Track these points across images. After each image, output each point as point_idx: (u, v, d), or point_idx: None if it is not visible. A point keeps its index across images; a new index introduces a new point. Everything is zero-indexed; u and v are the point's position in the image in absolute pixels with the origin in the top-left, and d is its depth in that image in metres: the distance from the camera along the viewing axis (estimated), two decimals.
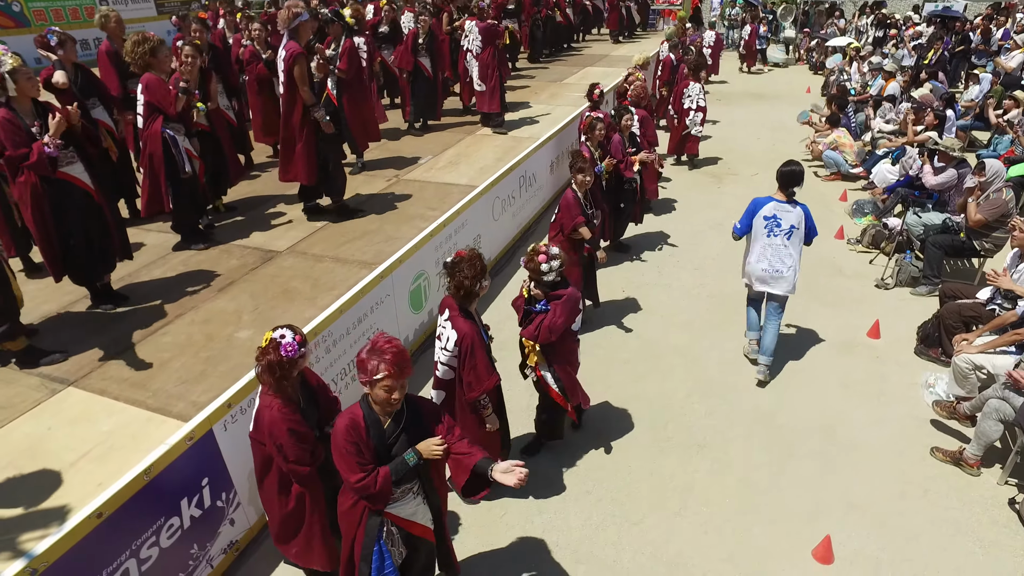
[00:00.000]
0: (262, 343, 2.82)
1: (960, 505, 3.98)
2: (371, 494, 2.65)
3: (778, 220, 5.03)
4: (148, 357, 4.00)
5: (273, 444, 2.89)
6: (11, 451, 3.22)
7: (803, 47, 19.42)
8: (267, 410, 2.87)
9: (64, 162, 4.08)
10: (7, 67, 3.79)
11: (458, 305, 3.49)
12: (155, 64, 4.93)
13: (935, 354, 5.29)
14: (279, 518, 3.14)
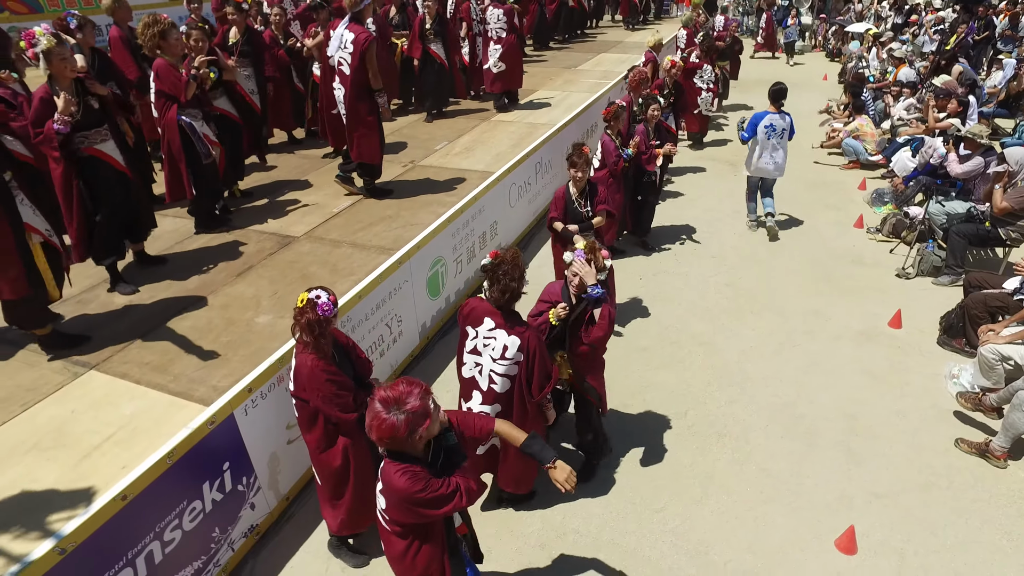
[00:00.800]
0: (298, 304, 2.98)
1: (987, 497, 3.92)
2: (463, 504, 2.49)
3: (774, 127, 6.93)
4: (168, 342, 3.99)
5: (317, 396, 3.04)
6: (36, 433, 3.22)
7: (820, 34, 19.14)
8: (304, 367, 3.03)
9: (98, 140, 4.21)
10: (41, 47, 3.83)
11: (501, 310, 3.24)
12: (166, 47, 4.89)
13: (959, 344, 5.22)
14: (328, 477, 3.29)
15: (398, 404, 2.27)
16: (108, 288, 4.61)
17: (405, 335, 5.04)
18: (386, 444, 2.33)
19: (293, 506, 3.99)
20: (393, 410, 2.26)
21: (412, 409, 2.27)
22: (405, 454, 2.39)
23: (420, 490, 2.33)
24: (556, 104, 9.01)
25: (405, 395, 2.28)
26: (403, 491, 2.33)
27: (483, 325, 3.28)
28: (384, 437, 2.28)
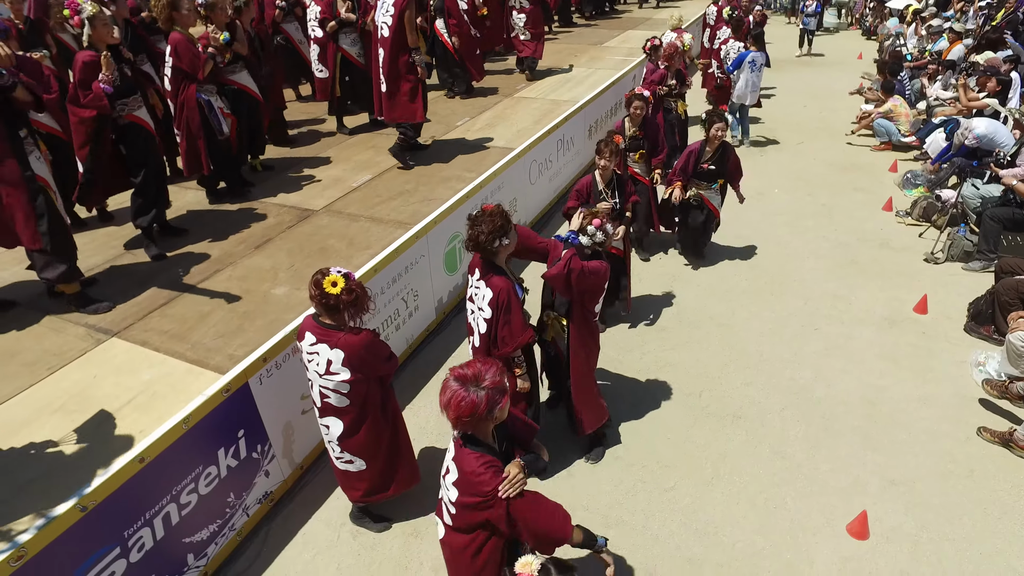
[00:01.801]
0: (332, 290, 2.93)
1: (1008, 487, 3.83)
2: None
3: (756, 62, 8.60)
4: (187, 311, 4.07)
5: (380, 363, 3.18)
6: (62, 396, 3.32)
7: (857, 11, 18.50)
8: (358, 347, 3.05)
9: (135, 107, 4.48)
10: (87, 13, 4.08)
11: (483, 261, 3.38)
12: (179, 18, 4.96)
13: (987, 332, 5.07)
14: (383, 453, 3.40)
15: (476, 381, 2.25)
16: (145, 249, 4.76)
17: (421, 309, 5.07)
18: (464, 424, 2.31)
19: (307, 475, 4.07)
20: (472, 387, 2.24)
21: (491, 385, 2.26)
22: (479, 440, 2.37)
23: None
24: (581, 81, 8.88)
25: (483, 372, 2.27)
26: (521, 512, 2.29)
27: (474, 276, 3.42)
28: (464, 416, 2.25)
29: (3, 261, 4.65)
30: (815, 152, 9.05)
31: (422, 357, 5.08)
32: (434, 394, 4.64)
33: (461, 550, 2.51)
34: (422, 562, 3.52)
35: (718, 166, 5.81)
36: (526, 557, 2.04)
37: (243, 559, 3.58)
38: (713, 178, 5.90)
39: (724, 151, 5.77)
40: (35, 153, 3.84)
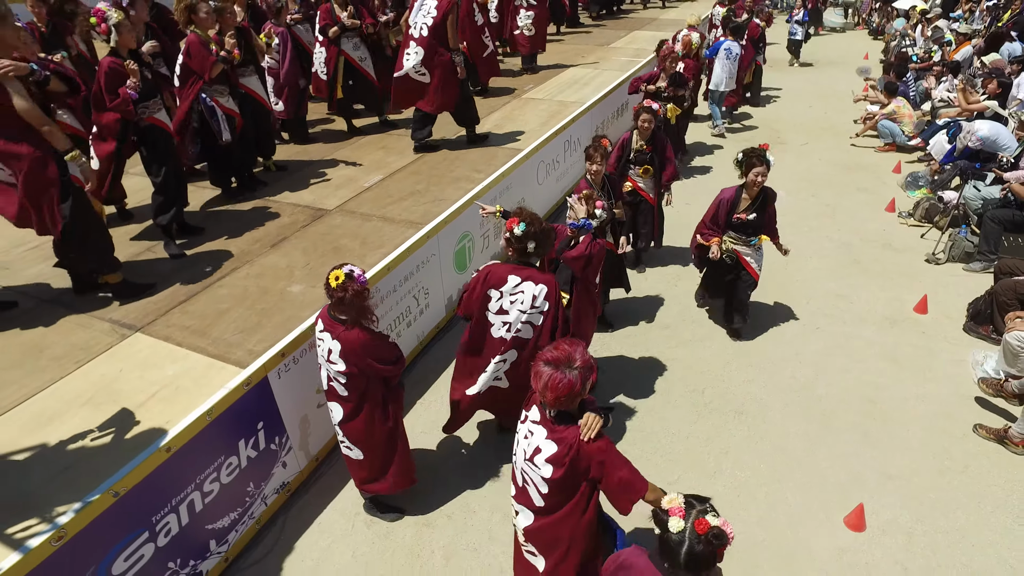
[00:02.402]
0: (333, 283, 3.09)
1: (1002, 482, 3.95)
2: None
3: (731, 51, 9.31)
4: (207, 307, 4.21)
5: (372, 359, 3.25)
6: (90, 388, 3.47)
7: (864, 11, 18.52)
8: (355, 342, 3.20)
9: (156, 109, 4.66)
10: (114, 20, 4.28)
11: (520, 266, 3.50)
12: (197, 21, 5.15)
13: (985, 331, 5.18)
14: (379, 445, 3.51)
15: (569, 362, 2.41)
16: (164, 247, 4.93)
17: (432, 307, 5.21)
18: (561, 403, 2.46)
19: (322, 467, 4.21)
20: (565, 368, 2.40)
21: (582, 365, 2.43)
22: (571, 415, 2.55)
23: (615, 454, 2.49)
24: (588, 82, 8.99)
25: (572, 353, 2.43)
26: (605, 451, 2.47)
27: (508, 284, 3.49)
28: (562, 396, 2.41)
29: (30, 259, 4.81)
30: (820, 153, 9.14)
31: (432, 354, 5.22)
32: (445, 390, 4.78)
33: (564, 519, 2.64)
34: (433, 550, 3.66)
35: (758, 217, 4.85)
36: (670, 494, 2.15)
37: (261, 546, 3.72)
38: (752, 231, 4.92)
39: (764, 198, 4.84)
40: (79, 161, 3.99)
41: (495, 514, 3.85)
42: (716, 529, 1.99)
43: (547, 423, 2.57)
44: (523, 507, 2.78)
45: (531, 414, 2.68)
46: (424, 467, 4.16)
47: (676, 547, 2.02)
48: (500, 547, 3.65)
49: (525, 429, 2.70)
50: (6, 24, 3.56)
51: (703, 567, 2.02)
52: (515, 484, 2.81)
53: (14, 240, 4.97)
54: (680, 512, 2.05)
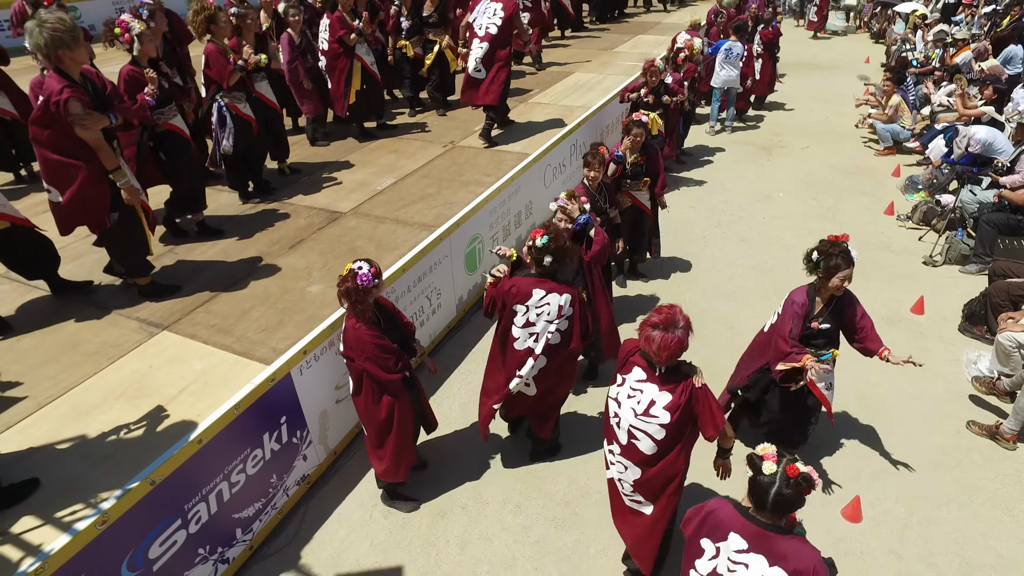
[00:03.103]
0: (343, 273, 3.32)
1: (993, 476, 4.11)
2: None
3: (732, 50, 9.48)
4: (229, 307, 4.39)
5: (362, 357, 3.39)
6: (123, 383, 3.65)
7: (866, 14, 18.66)
8: (352, 330, 3.39)
9: (171, 115, 4.89)
10: (137, 30, 4.50)
11: (551, 278, 3.63)
12: (216, 31, 5.35)
13: (980, 332, 5.34)
14: (373, 428, 3.68)
15: (674, 323, 2.76)
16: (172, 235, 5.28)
17: (444, 307, 5.38)
18: (671, 359, 2.82)
19: (340, 459, 4.39)
20: (672, 329, 2.74)
21: (686, 324, 2.78)
22: (678, 369, 2.91)
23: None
24: (592, 87, 9.16)
25: (675, 314, 2.78)
26: (708, 392, 2.89)
27: (533, 297, 3.62)
28: (674, 353, 2.77)
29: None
30: (821, 156, 9.30)
31: (444, 352, 5.39)
32: (457, 387, 4.99)
33: (671, 463, 3.02)
34: (448, 540, 3.83)
35: (832, 324, 3.84)
36: (762, 444, 2.39)
37: (283, 535, 3.90)
38: (825, 343, 3.90)
39: (840, 302, 3.81)
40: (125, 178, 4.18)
41: (507, 505, 4.02)
42: (805, 474, 2.20)
43: (656, 379, 2.91)
44: (630, 462, 3.09)
45: (632, 375, 2.99)
46: (437, 460, 4.34)
47: (767, 488, 2.23)
48: (512, 536, 3.82)
49: (627, 390, 3.00)
50: (79, 45, 3.74)
51: (787, 509, 2.25)
52: (619, 444, 3.10)
53: None
54: (774, 458, 2.27)
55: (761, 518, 2.29)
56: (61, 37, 3.58)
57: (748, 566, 2.28)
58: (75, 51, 3.69)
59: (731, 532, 2.33)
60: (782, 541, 2.25)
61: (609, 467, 3.25)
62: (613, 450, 3.17)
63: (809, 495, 2.22)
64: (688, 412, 2.91)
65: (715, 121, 10.34)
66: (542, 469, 4.27)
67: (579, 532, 3.85)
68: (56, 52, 3.63)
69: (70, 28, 3.63)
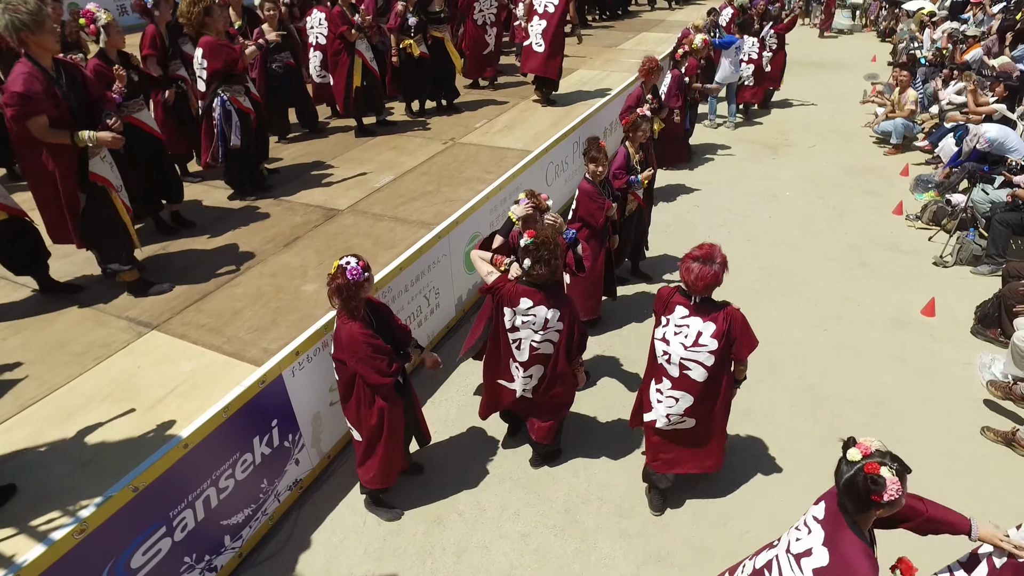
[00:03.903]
0: (331, 271, 3.21)
1: (1010, 484, 3.97)
2: None
3: (740, 47, 9.66)
4: (222, 306, 4.27)
5: (355, 359, 3.25)
6: (110, 384, 3.53)
7: (872, 12, 18.50)
8: (344, 329, 3.25)
9: (135, 109, 4.73)
10: (102, 21, 4.38)
11: (540, 288, 3.42)
12: (210, 24, 5.21)
13: (993, 334, 5.19)
14: (365, 434, 3.53)
15: (712, 258, 3.08)
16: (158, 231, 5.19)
17: (442, 307, 5.26)
18: (708, 290, 3.16)
19: (334, 464, 4.26)
20: (710, 263, 3.07)
21: (722, 260, 3.10)
22: (711, 299, 3.24)
23: None
24: (596, 84, 9.03)
25: (714, 251, 3.10)
26: (743, 317, 3.26)
27: (521, 305, 3.45)
28: (709, 284, 3.09)
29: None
30: (827, 155, 9.16)
31: (442, 353, 5.23)
32: (455, 390, 4.86)
33: (719, 385, 3.43)
34: (444, 548, 3.71)
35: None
36: (869, 437, 2.31)
37: (275, 542, 3.78)
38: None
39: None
40: (100, 154, 4.07)
41: (505, 512, 3.90)
42: (879, 477, 2.11)
43: (696, 311, 3.24)
44: (683, 392, 3.43)
45: (676, 314, 3.31)
46: (434, 465, 4.22)
47: (843, 472, 2.22)
48: (510, 544, 3.70)
49: (672, 328, 3.33)
50: (44, 29, 3.63)
51: (854, 499, 2.19)
52: (670, 379, 3.44)
53: None
54: (866, 450, 2.21)
55: (842, 501, 2.26)
56: (22, 20, 3.46)
57: (810, 532, 2.35)
58: (39, 35, 3.57)
59: (823, 501, 2.37)
60: (847, 533, 2.22)
61: (652, 408, 3.58)
62: (662, 388, 3.50)
63: (880, 499, 2.12)
64: (729, 338, 3.25)
65: (714, 115, 10.36)
66: (541, 475, 4.14)
67: (579, 540, 3.72)
68: (19, 35, 3.52)
69: (33, 11, 3.50)
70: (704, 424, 3.58)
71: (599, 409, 4.63)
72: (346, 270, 3.17)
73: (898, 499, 2.15)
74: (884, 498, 2.11)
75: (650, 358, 3.56)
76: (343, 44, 6.87)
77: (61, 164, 3.86)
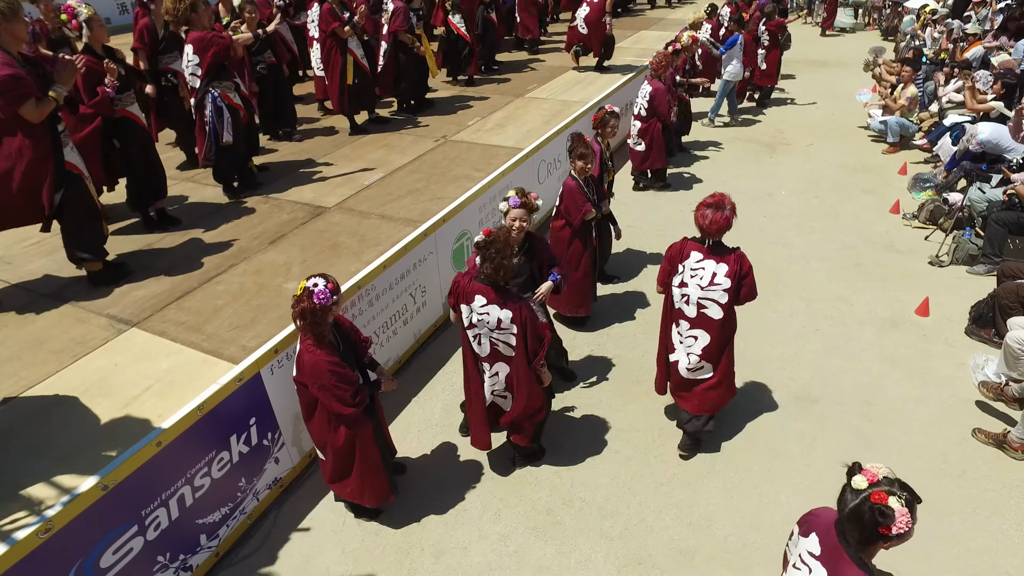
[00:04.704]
0: (297, 291, 3.01)
1: (999, 487, 3.90)
2: None
3: (744, 45, 9.63)
4: (203, 304, 4.24)
5: (316, 387, 3.09)
6: (85, 381, 3.50)
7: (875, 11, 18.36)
8: (308, 354, 3.07)
9: (128, 102, 4.74)
10: (84, 16, 4.35)
11: (493, 286, 3.39)
12: (195, 19, 5.21)
13: (987, 335, 5.12)
14: (332, 456, 3.39)
15: (723, 204, 3.55)
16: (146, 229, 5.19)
17: (429, 305, 5.21)
18: (720, 233, 3.63)
19: (315, 463, 4.21)
20: (722, 209, 3.54)
21: (732, 207, 3.59)
22: (721, 243, 3.70)
23: None
24: (591, 81, 8.98)
25: (724, 199, 3.58)
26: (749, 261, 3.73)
27: (475, 302, 3.43)
28: (721, 227, 3.58)
29: (32, 254, 4.86)
30: (825, 154, 9.08)
31: (429, 352, 5.23)
32: (440, 389, 4.82)
33: (731, 320, 3.85)
34: (424, 548, 3.66)
35: None
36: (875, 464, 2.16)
37: (253, 541, 3.74)
38: None
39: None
40: (69, 145, 4.10)
41: (486, 512, 3.85)
42: (887, 508, 1.96)
43: (710, 254, 3.69)
44: (701, 330, 3.84)
45: (691, 260, 3.73)
46: (416, 465, 4.18)
47: (847, 501, 2.09)
48: (490, 545, 3.65)
49: (688, 272, 3.76)
50: (17, 18, 3.63)
51: (860, 531, 2.04)
52: (688, 320, 3.86)
53: (17, 236, 5.00)
54: (872, 477, 2.07)
55: (843, 531, 2.13)
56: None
57: (811, 571, 2.20)
58: (12, 23, 3.59)
59: (813, 533, 2.24)
60: (852, 569, 2.08)
61: (674, 350, 3.99)
62: (681, 330, 3.91)
63: (889, 532, 1.96)
64: (739, 276, 3.67)
65: (714, 114, 10.27)
66: (524, 475, 4.09)
67: (560, 542, 3.67)
68: None
69: (9, 0, 3.50)
70: (718, 371, 3.96)
71: (585, 409, 4.58)
72: (313, 293, 2.95)
73: (907, 532, 1.97)
74: (892, 531, 1.95)
75: (666, 309, 4.01)
76: (335, 42, 6.83)
77: (39, 149, 3.84)
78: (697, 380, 3.98)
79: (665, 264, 3.90)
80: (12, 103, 3.61)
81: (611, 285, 6.02)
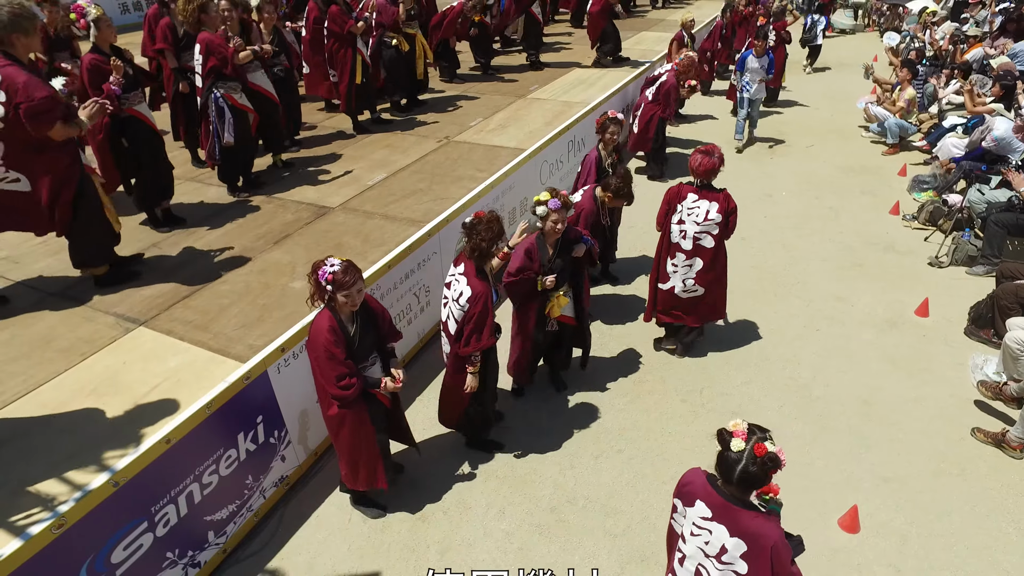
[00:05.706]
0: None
1: (998, 486, 3.94)
2: None
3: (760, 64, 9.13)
4: (209, 303, 4.27)
5: (312, 355, 3.25)
6: (94, 380, 3.54)
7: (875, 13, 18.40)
8: (315, 321, 3.23)
9: (136, 101, 4.80)
10: (92, 15, 4.39)
11: (474, 264, 3.62)
12: (207, 21, 5.25)
13: (986, 335, 5.16)
14: (326, 423, 3.51)
15: (712, 152, 4.31)
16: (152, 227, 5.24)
17: (433, 305, 5.25)
18: (709, 176, 4.38)
19: (321, 461, 4.26)
20: (711, 155, 4.28)
21: (720, 156, 4.35)
22: (710, 185, 4.42)
23: None
24: (592, 82, 9.01)
25: (714, 147, 4.34)
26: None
27: (458, 268, 3.65)
28: (709, 170, 4.32)
29: (39, 253, 4.89)
30: (825, 155, 9.12)
31: (432, 352, 5.26)
32: None
33: (721, 249, 4.57)
34: (429, 545, 3.70)
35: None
36: (736, 420, 2.37)
37: (259, 538, 3.78)
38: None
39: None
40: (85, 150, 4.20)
41: (490, 510, 3.89)
42: (771, 454, 2.22)
43: (703, 194, 4.40)
44: (697, 258, 4.58)
45: (687, 201, 4.43)
46: (420, 462, 4.21)
47: (733, 464, 2.27)
48: (494, 543, 3.69)
49: (685, 211, 4.44)
50: (35, 34, 3.70)
51: (752, 486, 2.30)
52: (684, 253, 4.57)
53: (24, 235, 4.97)
54: (743, 435, 2.28)
55: (727, 491, 2.33)
56: (21, 22, 3.52)
57: (711, 532, 2.37)
58: (31, 39, 3.65)
59: (698, 500, 2.41)
60: (745, 515, 2.30)
61: (668, 279, 4.69)
62: (677, 262, 4.61)
63: (778, 470, 2.23)
64: (727, 212, 4.38)
65: (741, 134, 9.34)
66: (528, 473, 4.13)
67: (564, 540, 3.71)
68: (10, 36, 3.55)
69: (30, 16, 3.58)
70: (710, 292, 4.68)
71: (588, 408, 4.62)
72: (317, 271, 3.12)
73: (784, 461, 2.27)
74: (782, 467, 2.24)
75: (661, 245, 4.65)
76: (343, 43, 6.86)
77: (67, 155, 3.94)
78: (695, 298, 4.72)
79: (664, 206, 4.56)
80: (45, 124, 3.67)
81: (611, 286, 6.06)
